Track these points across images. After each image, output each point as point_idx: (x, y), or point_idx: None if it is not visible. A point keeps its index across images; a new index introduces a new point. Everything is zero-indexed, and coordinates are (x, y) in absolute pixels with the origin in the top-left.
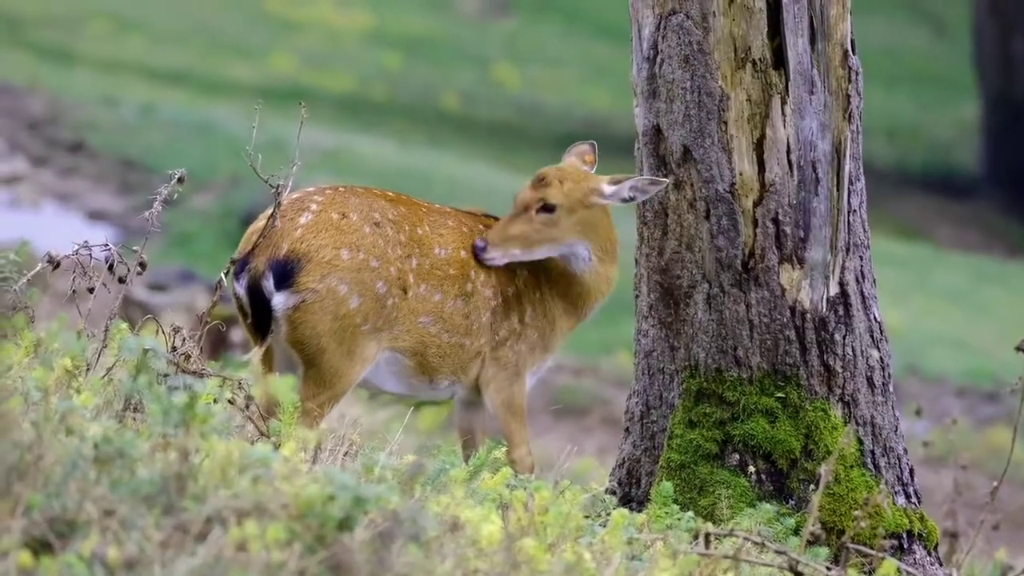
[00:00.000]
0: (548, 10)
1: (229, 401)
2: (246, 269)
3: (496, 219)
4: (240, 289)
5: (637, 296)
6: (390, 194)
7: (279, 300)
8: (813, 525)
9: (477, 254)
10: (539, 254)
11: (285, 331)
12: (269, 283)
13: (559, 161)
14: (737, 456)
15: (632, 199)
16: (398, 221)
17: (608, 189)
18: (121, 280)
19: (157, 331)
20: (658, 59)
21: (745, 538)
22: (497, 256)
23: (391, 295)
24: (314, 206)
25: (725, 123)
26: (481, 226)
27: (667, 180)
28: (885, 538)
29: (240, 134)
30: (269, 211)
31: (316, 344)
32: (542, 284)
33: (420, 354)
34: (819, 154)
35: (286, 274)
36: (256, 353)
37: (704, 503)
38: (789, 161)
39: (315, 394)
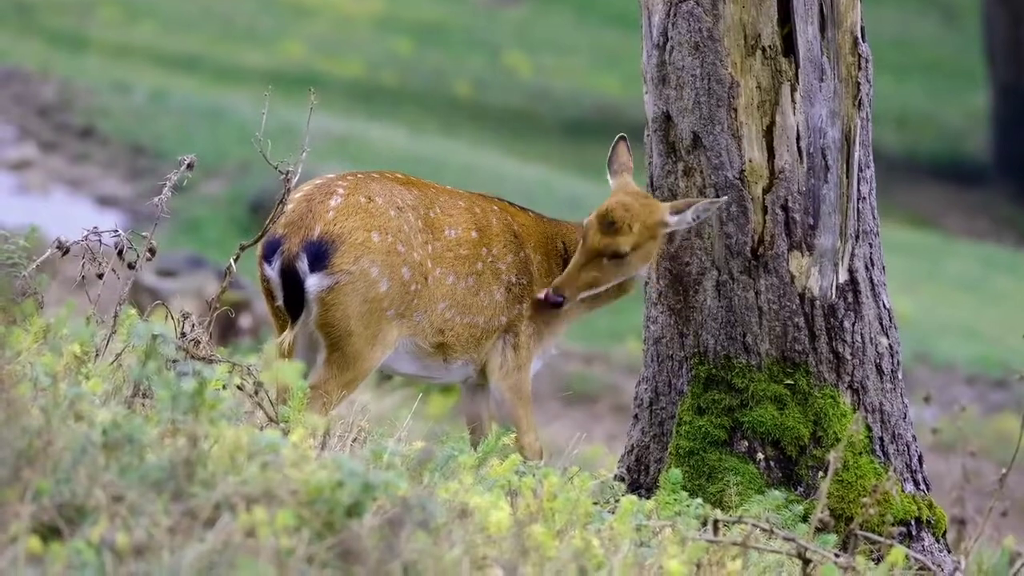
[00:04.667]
0: None
1: (238, 387)
2: (278, 252)
3: (510, 204)
4: (271, 272)
5: (646, 283)
6: (400, 176)
7: (313, 282)
8: (821, 512)
9: (549, 305)
10: (606, 287)
11: (316, 313)
12: (304, 265)
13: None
14: (746, 443)
15: (697, 219)
16: (415, 206)
17: (672, 219)
18: (130, 266)
19: (166, 317)
20: (668, 46)
21: (754, 525)
22: (572, 305)
23: (414, 281)
24: (341, 190)
25: (735, 110)
26: (494, 207)
27: (724, 199)
28: (893, 525)
29: (250, 120)
30: (299, 192)
31: (344, 327)
32: (554, 271)
33: (437, 338)
34: (828, 141)
35: (320, 256)
36: (286, 336)
37: (713, 490)
38: (799, 148)
39: (336, 379)
